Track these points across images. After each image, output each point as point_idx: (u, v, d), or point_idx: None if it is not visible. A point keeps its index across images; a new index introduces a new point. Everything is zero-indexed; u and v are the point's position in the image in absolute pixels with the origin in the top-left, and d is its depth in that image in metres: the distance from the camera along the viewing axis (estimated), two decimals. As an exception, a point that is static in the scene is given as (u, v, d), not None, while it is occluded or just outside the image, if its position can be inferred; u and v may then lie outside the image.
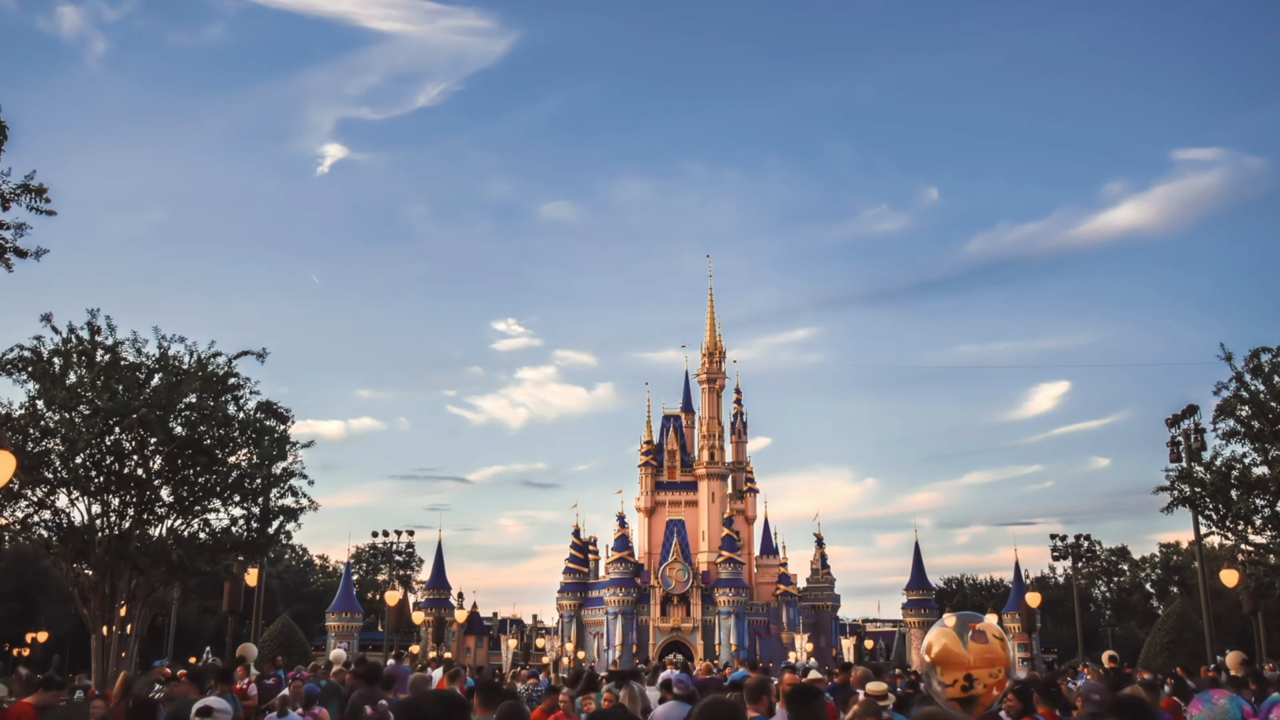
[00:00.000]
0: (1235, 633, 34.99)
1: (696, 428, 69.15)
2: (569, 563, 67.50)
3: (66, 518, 19.13)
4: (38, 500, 18.98)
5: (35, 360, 18.53)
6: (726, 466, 67.43)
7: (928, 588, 64.20)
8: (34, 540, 19.68)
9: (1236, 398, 21.52)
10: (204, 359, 19.30)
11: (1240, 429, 21.60)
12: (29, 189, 15.11)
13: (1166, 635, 32.05)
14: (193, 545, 19.60)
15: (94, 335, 18.69)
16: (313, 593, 70.64)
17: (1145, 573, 66.81)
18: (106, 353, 18.78)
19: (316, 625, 59.32)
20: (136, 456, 18.88)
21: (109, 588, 18.92)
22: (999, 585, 73.37)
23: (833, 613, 67.20)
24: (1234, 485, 21.90)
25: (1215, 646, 24.57)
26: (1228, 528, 22.77)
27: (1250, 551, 23.69)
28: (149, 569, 19.13)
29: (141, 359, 19.02)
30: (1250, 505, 21.82)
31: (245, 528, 20.00)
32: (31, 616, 34.36)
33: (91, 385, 18.48)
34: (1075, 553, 33.90)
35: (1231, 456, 22.09)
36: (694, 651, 58.92)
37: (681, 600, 61.60)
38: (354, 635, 55.03)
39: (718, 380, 68.54)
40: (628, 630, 61.11)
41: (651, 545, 66.13)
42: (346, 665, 9.27)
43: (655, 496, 67.42)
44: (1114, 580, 67.80)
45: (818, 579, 67.73)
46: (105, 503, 19.01)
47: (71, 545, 18.89)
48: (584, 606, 65.62)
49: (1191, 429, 23.38)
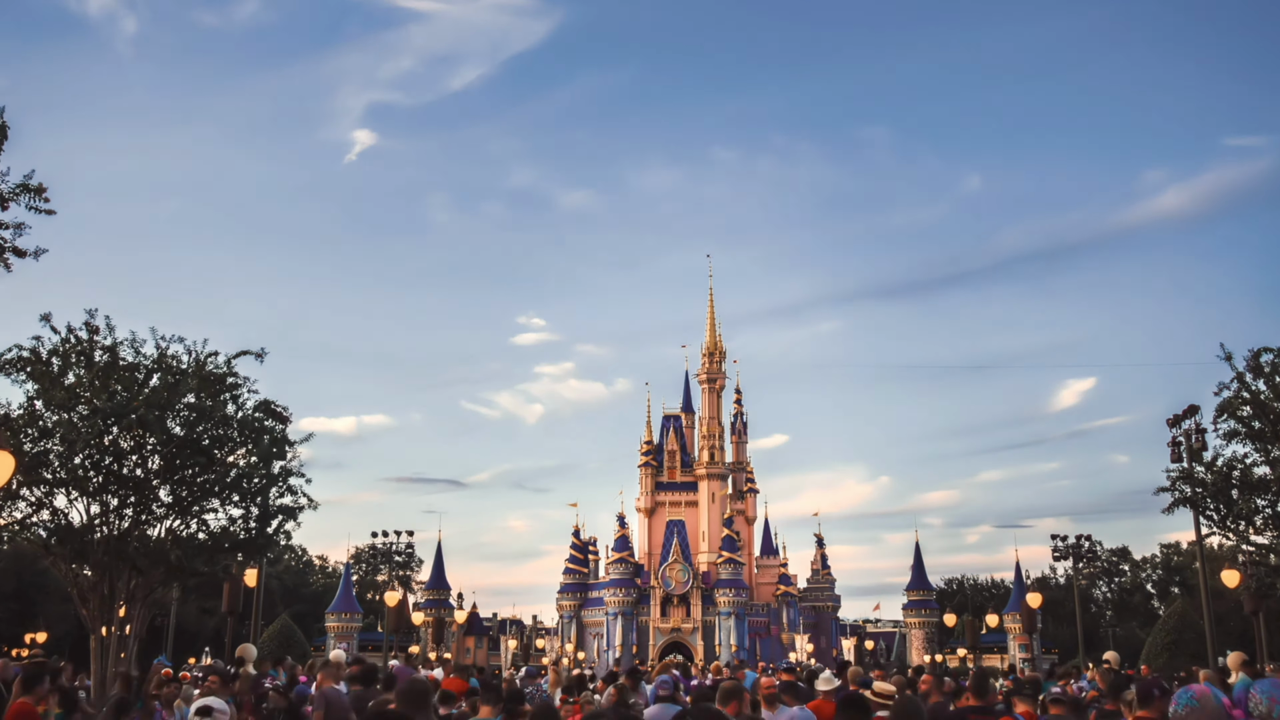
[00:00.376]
0: (1237, 634, 34.90)
1: (697, 428, 69.13)
2: (569, 563, 67.49)
3: (65, 518, 19.11)
4: (36, 501, 18.95)
5: (34, 360, 18.51)
6: (727, 467, 67.41)
7: (928, 588, 64.14)
8: (32, 541, 19.65)
9: (1238, 397, 21.49)
10: (202, 358, 19.26)
11: (1241, 429, 21.56)
12: (28, 188, 15.07)
13: (1168, 636, 32.02)
14: (191, 545, 19.56)
15: (92, 335, 18.66)
16: (312, 593, 70.60)
17: (1146, 573, 66.74)
18: (105, 353, 18.75)
19: (316, 626, 59.26)
20: (135, 456, 18.85)
21: (108, 588, 18.88)
22: (1000, 585, 73.32)
23: (833, 613, 67.16)
24: (1235, 485, 21.86)
25: (1216, 647, 24.53)
26: (1229, 528, 22.75)
27: (1251, 552, 23.67)
28: (148, 569, 19.09)
29: (140, 359, 18.99)
30: (1251, 505, 21.80)
31: (244, 527, 19.95)
32: (30, 617, 34.34)
33: (90, 385, 18.46)
34: (1076, 553, 33.87)
35: (1233, 457, 22.07)
36: (694, 652, 58.89)
37: (681, 601, 61.58)
38: (353, 636, 55.02)
39: (718, 380, 68.51)
40: (628, 631, 61.08)
41: (651, 546, 66.10)
42: (326, 665, 9.16)
43: (655, 497, 67.39)
44: (1115, 581, 67.74)
45: (818, 579, 67.73)
46: (104, 503, 18.97)
47: (70, 546, 18.87)
48: (584, 607, 65.61)
49: (1193, 429, 23.34)
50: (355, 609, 57.26)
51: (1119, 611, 63.67)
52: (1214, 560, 29.06)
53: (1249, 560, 24.22)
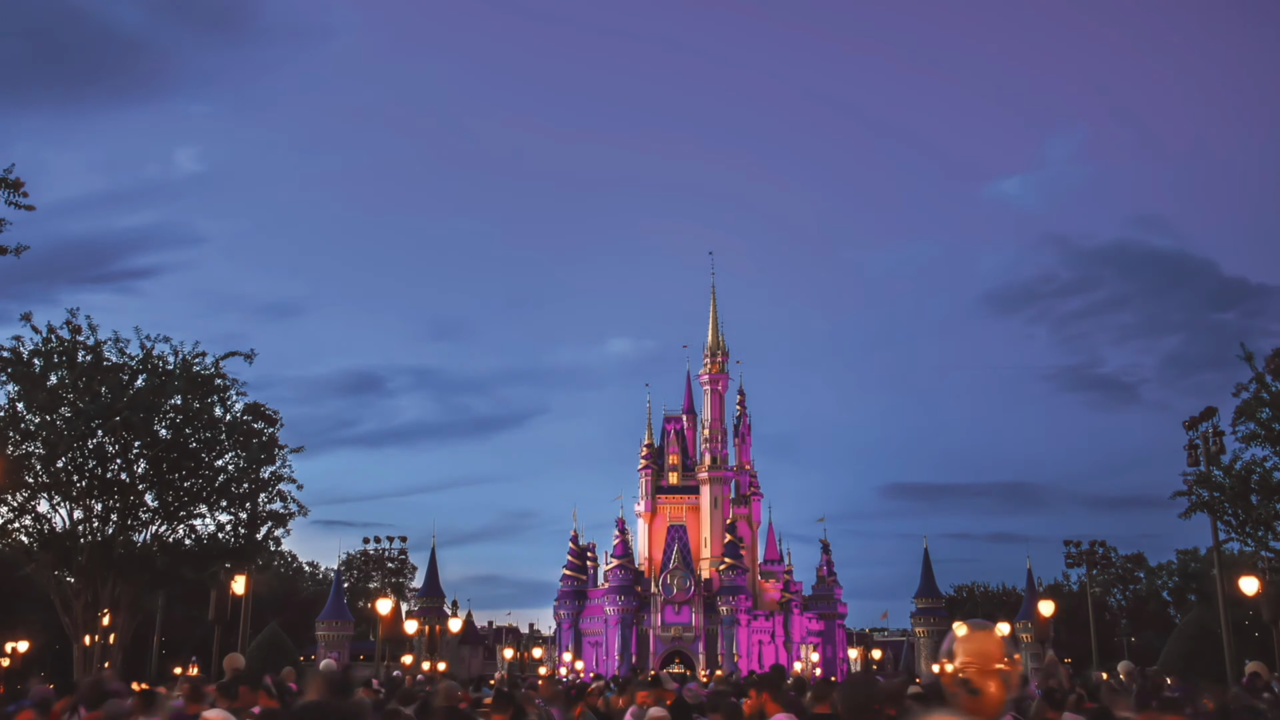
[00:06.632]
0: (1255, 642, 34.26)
1: (698, 430, 68.33)
2: (567, 570, 66.47)
3: (48, 523, 18.62)
4: (18, 505, 18.46)
5: (15, 361, 18.02)
6: (729, 470, 66.65)
7: (937, 595, 63.31)
8: (14, 546, 19.14)
9: (1257, 399, 20.90)
10: (189, 359, 18.74)
11: (1260, 432, 20.96)
12: (6, 182, 14.52)
13: (1184, 644, 31.38)
14: (178, 552, 19.08)
15: (74, 335, 18.17)
16: (302, 601, 69.82)
17: (1162, 579, 65.94)
18: (88, 353, 18.25)
19: (306, 634, 58.43)
20: (120, 460, 18.35)
21: (91, 595, 18.37)
22: (1010, 593, 72.41)
23: (839, 620, 66.15)
24: (1254, 490, 21.26)
25: (1235, 656, 23.89)
26: (1247, 533, 22.16)
27: (1270, 558, 23.07)
28: (132, 576, 18.59)
29: (124, 359, 18.49)
30: (1271, 510, 21.20)
31: (232, 534, 19.45)
32: (9, 627, 33.69)
33: (73, 386, 17.96)
34: (1090, 559, 33.26)
35: (1252, 460, 21.46)
36: (696, 661, 58.13)
37: (683, 608, 60.79)
38: (345, 645, 54.24)
39: (720, 381, 67.79)
40: (627, 639, 60.29)
41: (652, 551, 65.30)
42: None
43: (655, 501, 66.61)
44: (1130, 588, 66.93)
45: (824, 585, 66.68)
46: (88, 508, 18.47)
47: (53, 552, 18.38)
48: (582, 615, 64.70)
49: (1210, 432, 22.72)
50: (346, 617, 56.41)
51: (1134, 619, 62.87)
52: (1232, 567, 28.41)
53: (1268, 567, 23.60)
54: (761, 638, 61.46)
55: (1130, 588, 66.70)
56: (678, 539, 63.44)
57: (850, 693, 4.69)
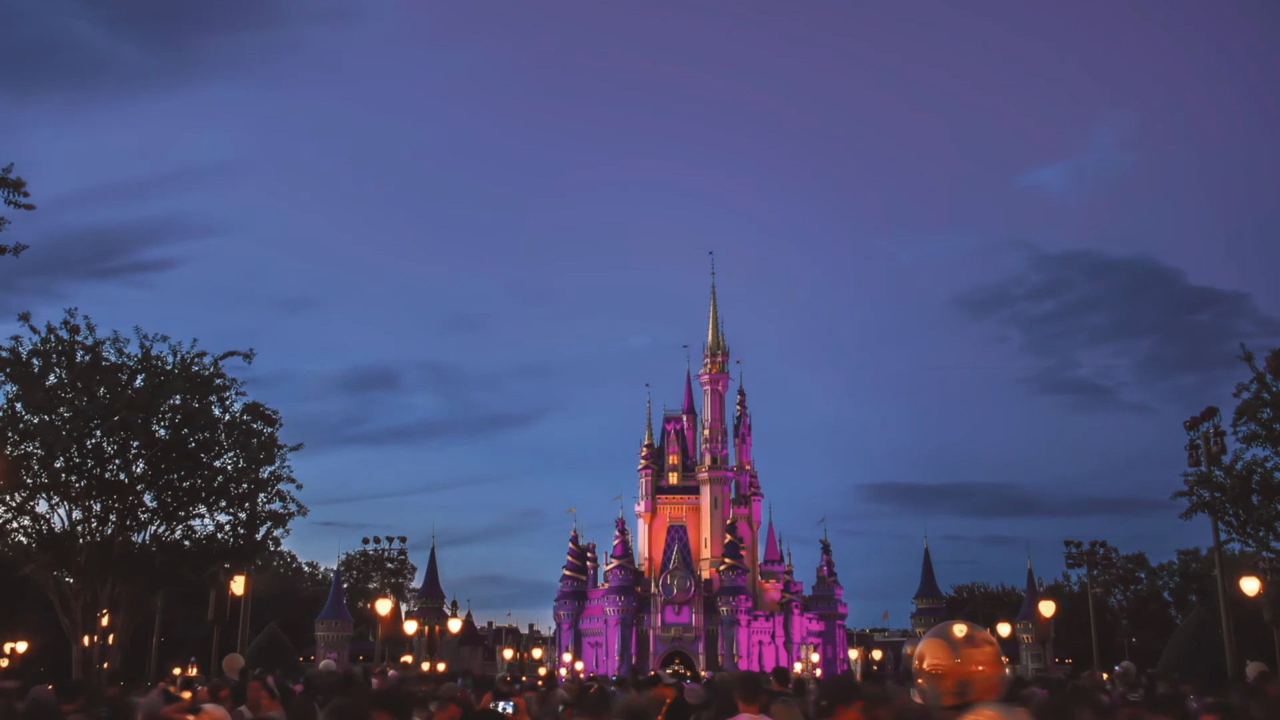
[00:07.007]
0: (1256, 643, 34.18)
1: (699, 430, 68.26)
2: (566, 570, 66.43)
3: (46, 523, 18.60)
4: (16, 505, 18.45)
5: (14, 361, 18.01)
6: (730, 470, 66.57)
7: (937, 596, 63.25)
8: (13, 547, 19.13)
9: (1258, 399, 20.86)
10: (188, 359, 18.74)
11: (1261, 432, 20.92)
12: (6, 182, 14.50)
13: (1185, 645, 31.34)
14: (177, 552, 19.06)
15: (73, 335, 18.16)
16: (301, 601, 69.76)
17: (1163, 580, 65.89)
18: (87, 353, 18.24)
19: (305, 635, 58.39)
20: (119, 460, 18.34)
21: (90, 596, 18.35)
22: (1011, 594, 72.32)
23: (840, 621, 66.05)
24: (1255, 490, 21.22)
25: (1236, 657, 23.85)
26: (1248, 534, 22.12)
27: (1271, 559, 23.01)
28: (131, 577, 18.58)
29: (123, 359, 18.49)
30: (1272, 511, 21.15)
31: (231, 534, 19.44)
32: (8, 628, 33.68)
33: (72, 386, 17.96)
34: (1091, 560, 33.22)
35: (1253, 461, 21.43)
36: (696, 661, 58.09)
37: (683, 608, 60.73)
38: (344, 645, 54.19)
39: (720, 381, 67.71)
40: (627, 640, 60.23)
41: (652, 551, 65.25)
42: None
43: (656, 501, 66.54)
44: (1131, 588, 66.88)
45: (824, 586, 66.60)
46: (87, 508, 18.46)
47: (52, 552, 18.37)
48: (582, 615, 64.63)
49: (1211, 432, 22.70)
50: (346, 617, 56.37)
51: (1134, 620, 62.79)
52: (1233, 567, 28.39)
53: (1269, 567, 23.57)
54: (762, 638, 61.40)
55: (1131, 588, 66.62)
56: (678, 539, 63.40)
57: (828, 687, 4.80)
